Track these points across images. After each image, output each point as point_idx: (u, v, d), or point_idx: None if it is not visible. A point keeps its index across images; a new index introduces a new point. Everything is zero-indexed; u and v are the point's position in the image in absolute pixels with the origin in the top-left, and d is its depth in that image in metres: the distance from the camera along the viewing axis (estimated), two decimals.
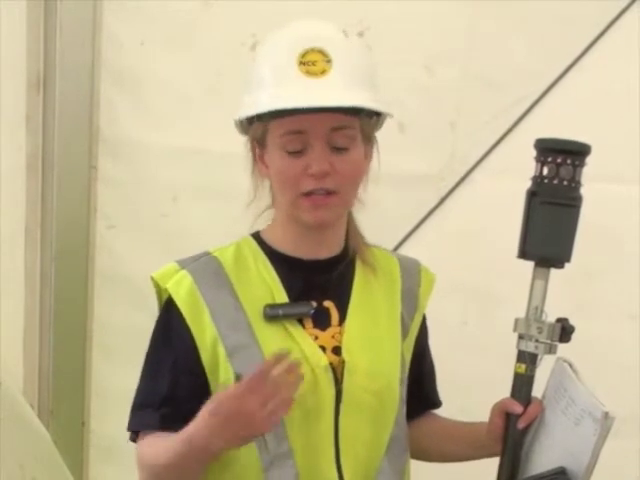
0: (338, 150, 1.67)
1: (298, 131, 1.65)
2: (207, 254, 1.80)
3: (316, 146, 1.65)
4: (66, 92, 2.88)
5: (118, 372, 2.98)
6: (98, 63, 2.87)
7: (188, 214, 2.91)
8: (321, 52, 1.64)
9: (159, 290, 1.78)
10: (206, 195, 2.89)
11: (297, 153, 1.66)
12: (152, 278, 1.78)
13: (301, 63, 1.63)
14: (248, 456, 1.70)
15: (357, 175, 1.72)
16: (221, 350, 1.70)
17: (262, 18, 2.73)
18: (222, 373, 1.71)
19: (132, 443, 1.83)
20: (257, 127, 1.71)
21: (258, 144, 1.73)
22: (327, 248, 1.78)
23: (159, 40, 2.84)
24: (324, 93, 1.62)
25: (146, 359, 1.79)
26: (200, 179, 2.89)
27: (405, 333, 1.83)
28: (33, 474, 2.64)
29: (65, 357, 2.98)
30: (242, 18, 2.78)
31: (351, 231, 1.82)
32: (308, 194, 1.67)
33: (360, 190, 1.77)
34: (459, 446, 1.90)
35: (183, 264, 1.77)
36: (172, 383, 1.73)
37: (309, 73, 1.63)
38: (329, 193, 1.67)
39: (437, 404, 1.98)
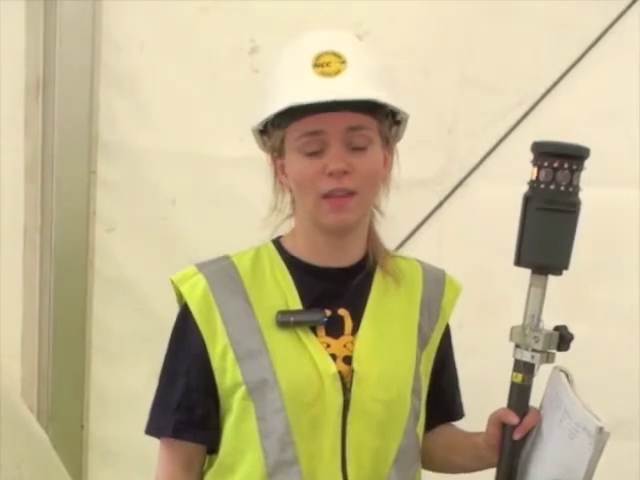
0: (355, 150, 1.66)
1: (315, 132, 1.65)
2: (226, 258, 1.79)
3: (333, 145, 1.65)
4: (65, 96, 2.88)
5: (117, 375, 2.99)
6: (97, 67, 2.87)
7: (187, 217, 2.91)
8: (335, 54, 1.64)
9: (179, 292, 1.78)
10: (205, 198, 2.89)
11: (315, 154, 1.66)
12: (171, 280, 1.77)
13: (315, 65, 1.63)
14: (253, 461, 1.70)
15: (375, 175, 1.70)
16: (230, 355, 1.69)
17: (261, 23, 2.75)
18: (229, 378, 1.70)
19: (133, 448, 1.84)
20: (276, 136, 1.70)
21: (278, 154, 1.72)
22: (346, 257, 1.77)
23: (159, 44, 2.84)
24: (338, 90, 1.62)
25: (164, 363, 1.79)
26: (199, 182, 2.89)
27: (424, 343, 1.81)
28: (30, 476, 2.65)
29: (64, 360, 2.98)
30: (241, 22, 2.78)
31: (371, 240, 1.80)
32: (328, 196, 1.66)
33: (380, 199, 1.78)
34: (463, 457, 1.88)
35: (201, 267, 1.77)
36: (186, 389, 1.73)
37: (323, 74, 1.63)
38: (348, 194, 1.66)
39: (456, 416, 1.95)
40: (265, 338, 1.70)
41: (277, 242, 1.81)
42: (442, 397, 1.89)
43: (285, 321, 1.70)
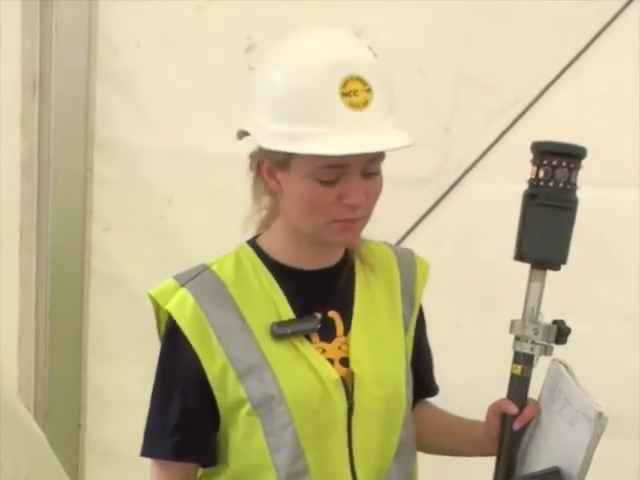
0: (369, 175, 1.63)
1: (337, 165, 1.60)
2: (206, 268, 1.73)
3: (354, 177, 1.60)
4: (62, 94, 2.88)
5: (114, 374, 2.99)
6: (94, 65, 2.87)
7: (184, 216, 2.91)
8: (360, 79, 1.57)
9: (157, 307, 1.73)
10: (202, 197, 2.89)
11: (330, 182, 1.61)
12: (150, 296, 1.72)
13: (343, 94, 1.56)
14: (264, 474, 1.68)
15: (380, 194, 1.68)
16: (231, 373, 1.66)
17: (257, 20, 2.75)
18: (231, 395, 1.68)
19: (130, 447, 1.83)
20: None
21: (276, 164, 1.65)
22: (331, 257, 1.76)
23: (155, 42, 2.84)
24: (373, 134, 1.57)
25: (155, 383, 1.74)
26: (195, 181, 2.89)
27: (406, 330, 1.82)
28: (28, 474, 2.65)
29: (61, 359, 2.98)
30: (237, 20, 2.78)
31: None
32: (338, 219, 1.64)
33: None
34: (456, 442, 1.90)
35: (181, 281, 1.71)
36: (182, 410, 1.70)
37: (352, 105, 1.56)
38: (357, 218, 1.65)
39: (433, 392, 1.96)
40: (264, 352, 1.67)
41: (254, 244, 1.77)
42: (420, 375, 1.89)
43: (282, 334, 1.68)
